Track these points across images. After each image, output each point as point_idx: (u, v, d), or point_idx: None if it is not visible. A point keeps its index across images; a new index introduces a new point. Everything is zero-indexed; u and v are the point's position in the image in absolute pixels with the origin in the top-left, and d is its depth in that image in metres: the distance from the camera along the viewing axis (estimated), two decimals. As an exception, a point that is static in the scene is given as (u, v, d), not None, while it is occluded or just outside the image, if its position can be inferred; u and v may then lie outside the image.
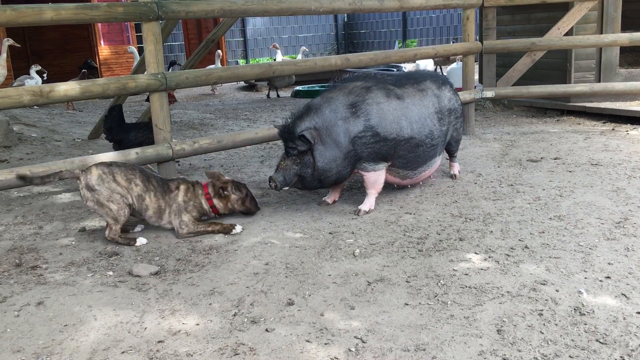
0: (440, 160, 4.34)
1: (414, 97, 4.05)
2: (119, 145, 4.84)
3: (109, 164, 3.54)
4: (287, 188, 3.87)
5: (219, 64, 11.50)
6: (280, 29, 19.48)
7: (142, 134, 4.82)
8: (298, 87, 11.31)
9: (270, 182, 3.76)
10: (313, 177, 3.76)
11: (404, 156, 3.96)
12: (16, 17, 3.52)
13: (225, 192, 3.69)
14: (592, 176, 4.46)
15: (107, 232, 3.45)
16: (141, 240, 3.46)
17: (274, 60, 12.27)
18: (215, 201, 3.69)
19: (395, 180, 4.13)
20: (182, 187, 3.62)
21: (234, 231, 3.58)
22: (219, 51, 11.87)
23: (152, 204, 3.54)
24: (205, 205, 3.66)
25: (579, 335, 2.32)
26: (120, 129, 4.95)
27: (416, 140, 3.95)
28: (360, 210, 3.88)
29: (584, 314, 2.47)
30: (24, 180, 3.61)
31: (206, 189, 3.67)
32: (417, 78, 4.26)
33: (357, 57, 5.34)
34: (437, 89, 4.21)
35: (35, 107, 8.80)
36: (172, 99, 4.88)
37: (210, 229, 3.59)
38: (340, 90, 3.91)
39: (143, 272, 3.03)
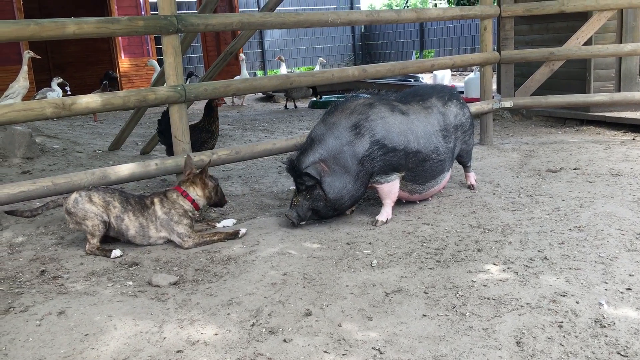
0: (449, 175, 4.33)
1: (419, 113, 4.04)
2: (171, 148, 4.99)
3: (88, 189, 3.66)
4: (304, 223, 3.87)
5: (245, 71, 11.53)
6: (297, 41, 19.59)
7: (192, 135, 5.00)
8: (315, 98, 11.35)
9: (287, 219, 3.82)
10: (327, 208, 3.79)
11: (413, 169, 3.95)
12: (39, 32, 3.59)
13: (206, 178, 3.74)
14: (612, 187, 4.42)
15: (86, 247, 3.57)
16: (115, 253, 3.50)
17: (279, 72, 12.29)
18: (193, 194, 3.71)
19: (403, 195, 4.09)
20: (156, 200, 3.67)
21: (240, 234, 3.70)
22: (242, 55, 11.91)
23: (132, 223, 3.60)
24: (187, 205, 3.68)
25: (600, 347, 2.29)
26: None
27: (423, 154, 3.94)
28: (377, 220, 3.88)
29: (605, 326, 2.44)
30: (14, 214, 3.81)
31: (180, 189, 3.72)
32: (423, 95, 4.23)
33: (374, 68, 5.35)
34: (443, 106, 4.17)
35: (55, 119, 8.94)
36: (220, 102, 5.23)
37: (216, 238, 3.67)
38: (342, 112, 3.87)
39: (162, 282, 3.06)
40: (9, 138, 5.88)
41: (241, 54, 12.01)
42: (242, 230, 3.74)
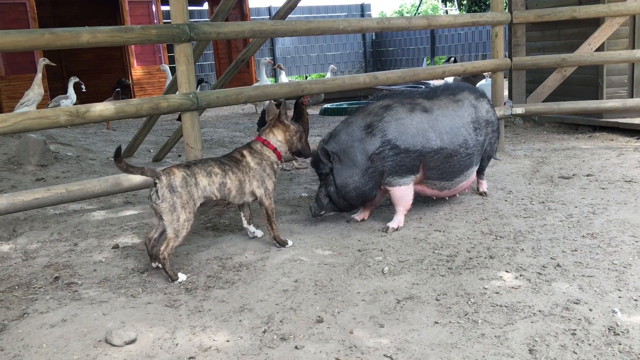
0: (476, 170, 4.36)
1: (447, 108, 4.08)
2: None
3: (185, 165, 3.32)
4: (323, 213, 3.99)
5: (264, 76, 11.42)
6: (308, 48, 19.68)
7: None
8: (326, 105, 11.39)
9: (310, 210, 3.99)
10: (337, 195, 3.90)
11: (438, 167, 3.97)
12: (54, 41, 3.63)
13: (286, 120, 3.61)
14: (625, 193, 4.39)
15: (163, 248, 3.16)
16: (182, 277, 3.21)
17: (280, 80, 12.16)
18: (274, 140, 3.60)
19: (433, 193, 4.15)
20: (245, 152, 3.55)
21: (287, 245, 3.64)
22: (267, 58, 11.77)
23: (232, 184, 3.43)
24: (272, 156, 3.59)
25: (614, 355, 2.28)
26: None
27: (448, 150, 3.96)
28: (388, 227, 3.88)
29: (619, 334, 2.42)
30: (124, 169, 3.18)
31: (261, 139, 3.62)
32: (454, 89, 4.31)
33: (385, 75, 5.36)
34: (475, 99, 4.25)
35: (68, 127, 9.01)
36: (306, 100, 5.74)
37: (275, 226, 3.63)
38: (361, 112, 4.04)
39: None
40: (23, 146, 5.95)
41: (266, 58, 11.92)
42: (290, 242, 3.69)
